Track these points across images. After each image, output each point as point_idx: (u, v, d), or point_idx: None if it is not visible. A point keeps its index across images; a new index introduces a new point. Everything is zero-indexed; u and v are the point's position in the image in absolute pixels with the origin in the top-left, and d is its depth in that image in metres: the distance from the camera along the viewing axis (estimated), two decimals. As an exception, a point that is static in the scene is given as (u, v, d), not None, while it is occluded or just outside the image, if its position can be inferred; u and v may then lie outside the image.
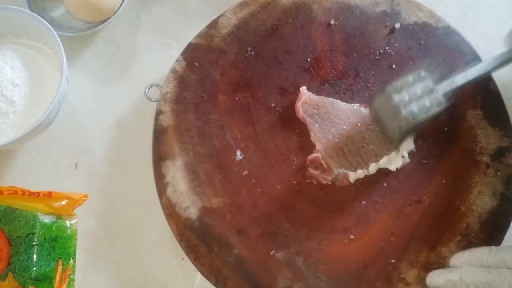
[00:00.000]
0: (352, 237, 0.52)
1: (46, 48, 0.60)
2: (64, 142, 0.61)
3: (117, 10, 0.62)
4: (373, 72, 0.58)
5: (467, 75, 0.52)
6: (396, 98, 0.50)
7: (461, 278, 0.44)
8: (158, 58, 0.64)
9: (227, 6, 0.60)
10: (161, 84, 0.58)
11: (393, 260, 0.51)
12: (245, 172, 0.54)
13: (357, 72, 0.58)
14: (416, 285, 0.50)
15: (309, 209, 0.53)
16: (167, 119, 0.56)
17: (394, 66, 0.58)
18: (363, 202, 0.53)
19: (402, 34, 0.59)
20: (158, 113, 0.56)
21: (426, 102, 0.50)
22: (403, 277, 0.50)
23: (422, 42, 0.59)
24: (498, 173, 0.54)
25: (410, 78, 0.51)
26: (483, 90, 0.57)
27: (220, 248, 0.51)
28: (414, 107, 0.49)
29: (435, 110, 0.50)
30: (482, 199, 0.53)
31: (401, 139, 0.53)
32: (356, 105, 0.56)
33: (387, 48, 0.59)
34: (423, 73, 0.51)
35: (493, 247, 0.45)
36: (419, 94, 0.50)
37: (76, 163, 0.60)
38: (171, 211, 0.52)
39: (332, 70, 0.58)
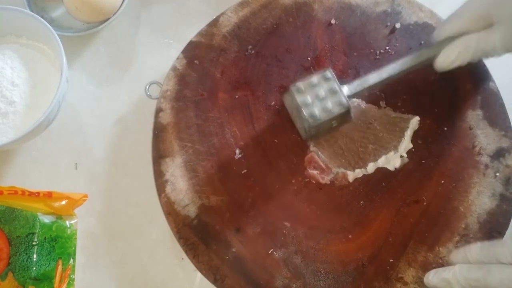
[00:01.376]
0: (350, 236, 0.52)
1: (46, 48, 0.60)
2: (64, 142, 0.61)
3: (117, 10, 0.62)
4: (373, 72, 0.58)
5: (381, 74, 0.52)
6: (299, 99, 0.50)
7: (454, 276, 0.44)
8: (158, 58, 0.64)
9: (227, 6, 0.60)
10: (161, 82, 0.58)
11: (391, 260, 0.51)
12: (244, 171, 0.54)
13: (357, 72, 0.58)
14: (414, 284, 0.50)
15: (307, 208, 0.53)
16: (167, 117, 0.56)
17: (394, 65, 0.58)
18: (362, 201, 0.53)
19: (402, 34, 0.59)
20: (158, 110, 0.56)
21: (329, 103, 0.50)
22: (401, 277, 0.50)
23: (422, 42, 0.59)
24: (498, 174, 0.54)
25: (314, 79, 0.51)
26: (483, 90, 0.57)
27: (219, 246, 0.51)
28: (316, 109, 0.50)
29: (337, 111, 0.50)
30: (481, 199, 0.53)
31: (308, 138, 0.54)
32: (356, 101, 0.56)
33: (387, 48, 0.59)
34: (328, 74, 0.52)
35: (486, 242, 0.45)
36: (323, 96, 0.51)
37: (76, 163, 0.60)
38: (170, 209, 0.52)
39: (333, 69, 0.58)
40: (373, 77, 0.52)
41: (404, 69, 0.53)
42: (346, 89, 0.52)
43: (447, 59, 0.51)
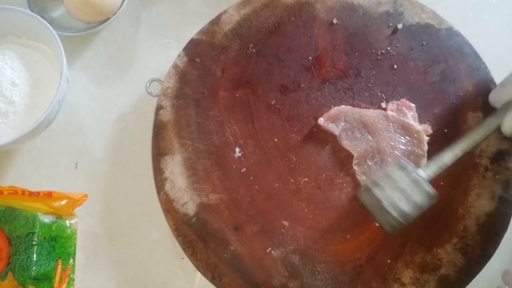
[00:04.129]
0: (348, 236, 0.52)
1: (46, 48, 0.60)
2: (64, 142, 0.61)
3: (117, 10, 0.62)
4: (374, 72, 0.58)
5: (456, 152, 0.50)
6: (383, 197, 0.46)
7: None
8: (158, 58, 0.64)
9: (227, 6, 0.60)
10: (162, 79, 0.58)
11: (389, 261, 0.51)
12: (244, 169, 0.54)
13: (358, 72, 0.58)
14: (411, 285, 0.50)
15: (306, 208, 0.53)
16: (167, 114, 0.56)
17: (395, 66, 0.58)
18: (360, 202, 0.53)
19: (404, 34, 0.59)
20: (159, 108, 0.56)
21: (414, 196, 0.46)
22: (398, 278, 0.50)
23: (424, 43, 0.59)
24: (497, 176, 0.54)
25: (394, 173, 0.47)
26: (484, 93, 0.57)
27: (217, 244, 0.51)
28: (404, 206, 0.46)
29: (427, 204, 0.47)
30: (480, 201, 0.53)
31: (395, 232, 0.48)
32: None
33: (389, 48, 0.59)
34: (405, 164, 0.48)
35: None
36: (407, 189, 0.46)
37: (76, 163, 0.60)
38: (169, 207, 0.52)
39: (333, 69, 0.58)
40: (449, 157, 0.49)
41: (477, 143, 0.50)
42: (424, 175, 0.48)
43: None
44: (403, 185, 0.46)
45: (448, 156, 0.49)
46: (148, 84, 0.59)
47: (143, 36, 0.66)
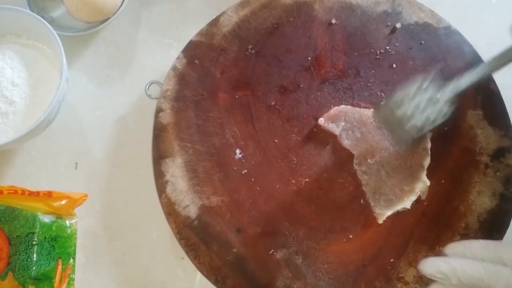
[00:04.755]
0: (351, 236, 0.52)
1: (46, 48, 0.59)
2: (64, 142, 0.61)
3: (117, 10, 0.62)
4: (373, 72, 0.58)
5: (471, 77, 0.51)
6: (399, 112, 0.49)
7: (452, 270, 0.42)
8: (158, 58, 0.64)
9: (227, 6, 0.60)
10: (161, 82, 0.58)
11: (392, 260, 0.51)
12: (245, 171, 0.54)
13: (357, 72, 0.58)
14: (415, 284, 0.50)
15: (308, 208, 0.53)
16: (167, 117, 0.56)
17: (394, 65, 0.58)
18: (362, 201, 0.53)
19: (403, 34, 0.59)
20: (158, 110, 0.56)
21: (430, 113, 0.49)
22: (402, 277, 0.50)
23: (423, 42, 0.59)
24: (498, 173, 0.54)
25: (412, 89, 0.50)
26: (483, 90, 0.57)
27: (220, 247, 0.51)
28: (418, 121, 0.49)
29: (439, 120, 0.50)
30: (481, 199, 0.53)
31: (407, 147, 0.52)
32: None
33: (387, 47, 0.59)
34: (425, 83, 0.50)
35: (490, 241, 0.43)
36: (422, 106, 0.49)
37: (76, 163, 0.60)
38: (170, 210, 0.52)
39: (333, 69, 0.58)
40: (464, 81, 0.51)
41: (492, 70, 0.51)
42: (444, 96, 0.50)
43: None
44: (420, 102, 0.49)
45: (464, 81, 0.51)
46: (147, 87, 0.59)
47: (143, 36, 0.66)
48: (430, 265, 0.44)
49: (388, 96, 0.51)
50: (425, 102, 0.50)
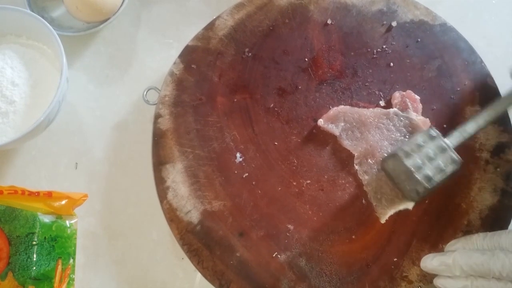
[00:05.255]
0: (353, 237, 0.52)
1: (46, 48, 0.60)
2: (64, 142, 0.61)
3: (118, 10, 0.62)
4: (371, 71, 0.58)
5: (478, 122, 0.51)
6: (409, 163, 0.48)
7: (454, 260, 0.44)
8: (158, 58, 0.64)
9: (227, 6, 0.60)
10: (159, 87, 0.58)
11: (395, 259, 0.51)
12: (245, 174, 0.54)
13: (355, 71, 0.58)
14: (419, 283, 0.50)
15: (310, 210, 0.53)
16: (166, 123, 0.56)
17: (391, 64, 0.58)
18: (364, 201, 0.53)
19: (399, 32, 0.59)
20: (157, 116, 0.56)
21: (440, 163, 0.48)
22: (405, 275, 0.51)
23: (419, 40, 0.59)
24: (498, 169, 0.54)
25: (420, 139, 0.49)
26: (481, 87, 0.57)
27: (223, 251, 0.51)
28: (429, 171, 0.48)
29: (450, 170, 0.49)
30: (482, 195, 0.53)
31: (419, 199, 0.50)
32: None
33: (384, 46, 0.59)
34: (433, 132, 0.50)
35: (488, 232, 0.45)
36: (431, 155, 0.48)
37: (76, 163, 0.60)
38: (172, 216, 0.52)
39: (330, 70, 0.58)
40: (472, 127, 0.50)
41: (499, 114, 0.51)
42: (451, 143, 0.50)
43: None
44: (428, 151, 0.48)
45: (471, 126, 0.51)
46: (145, 93, 0.59)
47: (143, 36, 0.66)
48: (432, 260, 0.46)
49: (395, 147, 0.50)
50: (435, 151, 0.49)
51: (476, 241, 0.45)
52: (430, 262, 0.47)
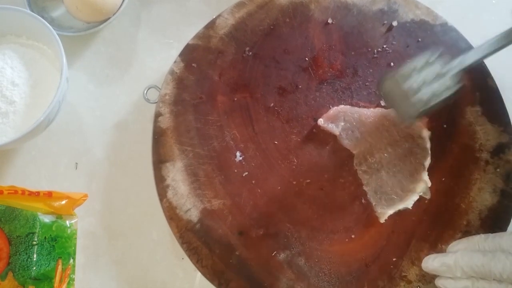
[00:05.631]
0: (353, 236, 0.52)
1: (46, 48, 0.60)
2: (64, 142, 0.61)
3: (118, 10, 0.62)
4: (371, 71, 0.58)
5: (478, 53, 0.50)
6: (405, 85, 0.49)
7: (455, 261, 0.44)
8: (158, 58, 0.64)
9: (227, 6, 0.60)
10: (159, 86, 0.58)
11: (394, 259, 0.51)
12: (245, 173, 0.54)
13: (355, 71, 0.58)
14: (417, 282, 0.50)
15: (309, 209, 0.53)
16: (166, 121, 0.56)
17: (392, 64, 0.58)
18: (363, 200, 0.53)
19: (399, 32, 0.59)
20: (157, 115, 0.56)
21: (436, 87, 0.48)
22: (404, 275, 0.51)
23: (419, 39, 0.59)
24: (498, 170, 0.54)
25: (418, 62, 0.50)
26: (481, 87, 0.57)
27: (222, 250, 0.51)
28: (424, 94, 0.48)
29: (445, 95, 0.49)
30: (482, 195, 0.53)
31: (413, 121, 0.52)
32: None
33: (385, 46, 0.59)
34: (432, 57, 0.50)
35: (490, 234, 0.45)
36: (428, 80, 0.49)
37: (76, 163, 0.60)
38: (172, 214, 0.52)
39: (330, 69, 0.58)
40: (471, 56, 0.50)
41: (500, 46, 0.50)
42: (451, 70, 0.50)
43: None
44: (426, 76, 0.48)
45: (471, 56, 0.50)
46: (145, 92, 0.59)
47: (143, 36, 0.66)
48: (434, 260, 0.46)
49: (395, 70, 0.50)
50: (432, 76, 0.49)
51: (478, 242, 0.45)
52: (431, 262, 0.47)
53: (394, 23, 0.60)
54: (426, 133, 0.53)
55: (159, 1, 0.67)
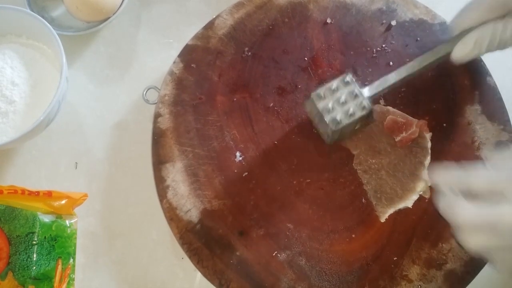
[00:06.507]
0: (353, 235, 0.52)
1: (46, 48, 0.60)
2: (64, 141, 0.61)
3: (118, 10, 0.62)
4: (370, 70, 0.58)
5: (400, 73, 0.52)
6: (320, 105, 0.50)
7: (468, 174, 0.37)
8: (158, 57, 0.64)
9: (227, 6, 0.60)
10: (158, 86, 0.58)
11: (395, 258, 0.51)
12: (245, 173, 0.54)
13: (354, 71, 0.58)
14: (418, 282, 0.50)
15: (310, 209, 0.53)
16: (165, 122, 0.56)
17: (391, 63, 0.58)
18: (364, 200, 0.53)
19: (398, 31, 0.59)
20: (157, 115, 0.56)
21: (350, 107, 0.49)
22: (405, 275, 0.51)
23: (418, 38, 0.59)
24: (498, 168, 0.54)
25: (334, 84, 0.50)
26: (480, 85, 0.57)
27: (223, 250, 0.51)
28: (337, 114, 0.49)
29: (359, 114, 0.50)
30: (482, 194, 0.53)
31: (331, 142, 0.53)
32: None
33: (384, 45, 0.59)
34: (347, 78, 0.51)
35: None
36: (343, 100, 0.50)
37: (76, 163, 0.60)
38: (172, 215, 0.52)
39: (330, 69, 0.58)
40: (392, 77, 0.52)
41: (422, 66, 0.52)
42: (366, 91, 0.51)
43: (464, 50, 0.50)
44: (341, 97, 0.50)
45: (392, 77, 0.52)
46: (144, 92, 0.59)
47: (143, 36, 0.66)
48: (445, 172, 0.40)
49: (313, 90, 0.51)
50: (345, 96, 0.50)
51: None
52: (443, 174, 0.40)
53: (393, 23, 0.60)
54: (427, 133, 0.53)
55: (159, 1, 0.67)
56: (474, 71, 0.57)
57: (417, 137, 0.53)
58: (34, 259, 0.50)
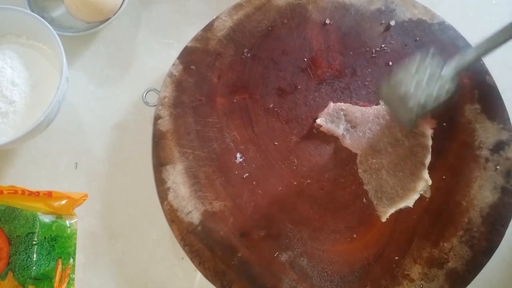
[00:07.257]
0: (354, 235, 0.52)
1: (46, 48, 0.60)
2: (64, 142, 0.61)
3: (118, 10, 0.62)
4: (370, 70, 0.58)
5: (476, 52, 0.50)
6: (401, 90, 0.49)
7: None
8: (158, 58, 0.64)
9: (227, 6, 0.60)
10: (158, 88, 0.58)
11: (396, 257, 0.51)
12: (246, 175, 0.54)
13: (354, 71, 0.58)
14: (420, 281, 0.50)
15: (311, 209, 0.53)
16: (165, 124, 0.56)
17: (390, 63, 0.58)
18: (364, 200, 0.53)
19: (397, 31, 0.60)
20: (157, 117, 0.56)
21: (433, 90, 0.48)
22: (407, 274, 0.51)
23: (417, 38, 0.59)
24: (498, 167, 0.54)
25: (413, 66, 0.50)
26: (480, 84, 0.57)
27: (224, 252, 0.51)
28: (421, 98, 0.48)
29: (443, 97, 0.49)
30: (482, 193, 0.53)
31: (411, 126, 0.52)
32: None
33: (383, 45, 0.59)
34: (428, 59, 0.50)
35: None
36: (426, 82, 0.49)
37: (76, 163, 0.60)
38: (173, 216, 0.52)
39: (329, 70, 0.58)
40: (471, 54, 0.50)
41: (494, 45, 0.50)
42: (447, 71, 0.50)
43: None
44: (423, 79, 0.49)
45: (470, 55, 0.50)
46: (144, 95, 0.59)
47: (143, 36, 0.66)
48: None
49: (390, 74, 0.50)
50: (426, 79, 0.49)
51: None
52: None
53: (392, 23, 0.60)
54: (429, 131, 0.53)
55: (159, 1, 0.67)
56: (473, 71, 0.58)
57: (419, 135, 0.53)
58: (34, 259, 0.50)
